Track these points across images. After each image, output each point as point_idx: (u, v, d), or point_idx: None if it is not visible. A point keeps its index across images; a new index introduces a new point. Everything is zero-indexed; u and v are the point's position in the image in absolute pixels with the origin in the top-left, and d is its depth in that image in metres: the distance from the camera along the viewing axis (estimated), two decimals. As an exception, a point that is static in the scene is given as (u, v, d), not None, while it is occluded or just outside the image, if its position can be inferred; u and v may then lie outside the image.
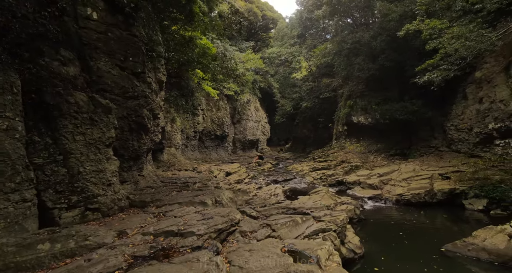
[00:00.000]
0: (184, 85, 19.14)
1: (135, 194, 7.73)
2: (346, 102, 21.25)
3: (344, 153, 21.32)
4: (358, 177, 15.45)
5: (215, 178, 16.26)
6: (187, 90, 19.65)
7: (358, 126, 20.53)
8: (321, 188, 12.28)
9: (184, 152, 28.25)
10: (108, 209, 6.00)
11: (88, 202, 5.71)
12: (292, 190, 15.48)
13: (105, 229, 4.72)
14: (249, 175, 19.07)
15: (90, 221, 5.52)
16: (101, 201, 5.91)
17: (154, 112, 9.83)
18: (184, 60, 13.20)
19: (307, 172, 19.71)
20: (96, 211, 5.79)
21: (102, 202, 5.91)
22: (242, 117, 35.87)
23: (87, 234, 4.21)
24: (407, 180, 13.68)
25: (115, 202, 6.27)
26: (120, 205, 6.46)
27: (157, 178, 12.46)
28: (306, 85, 27.04)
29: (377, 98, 19.12)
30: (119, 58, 8.41)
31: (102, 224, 5.30)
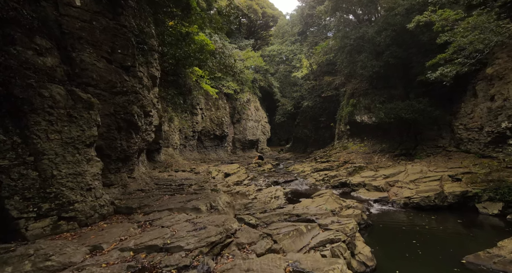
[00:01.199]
0: (182, 83, 18.40)
1: (121, 199, 6.98)
2: (349, 101, 20.49)
3: (347, 154, 20.57)
4: (363, 178, 14.69)
5: (213, 180, 15.50)
6: (185, 88, 18.91)
7: (361, 125, 19.77)
8: (325, 191, 11.52)
9: (182, 153, 27.50)
10: (86, 218, 5.24)
11: (62, 210, 4.95)
12: (294, 192, 14.73)
13: (76, 244, 3.98)
14: (248, 176, 18.33)
15: (63, 233, 4.76)
16: (78, 208, 5.15)
17: (146, 110, 9.08)
18: (180, 55, 12.45)
19: (308, 173, 18.96)
20: (72, 220, 5.03)
21: (79, 209, 5.16)
22: (241, 116, 35.15)
23: (50, 252, 3.46)
24: (415, 182, 12.93)
25: (95, 209, 5.51)
26: (102, 212, 5.70)
27: (151, 180, 11.71)
28: (307, 83, 26.29)
29: (381, 97, 18.37)
30: (106, 49, 7.66)
31: (76, 236, 4.55)
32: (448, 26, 10.34)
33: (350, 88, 20.01)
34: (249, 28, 33.34)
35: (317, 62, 23.36)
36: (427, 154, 16.30)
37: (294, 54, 29.54)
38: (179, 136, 26.35)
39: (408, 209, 11.33)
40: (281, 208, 8.09)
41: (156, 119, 10.73)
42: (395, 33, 15.56)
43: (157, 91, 10.89)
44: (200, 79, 21.19)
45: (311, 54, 24.30)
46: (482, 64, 13.09)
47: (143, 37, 9.29)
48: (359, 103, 19.44)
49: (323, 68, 24.33)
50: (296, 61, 28.78)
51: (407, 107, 16.07)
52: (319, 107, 27.50)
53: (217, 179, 17.41)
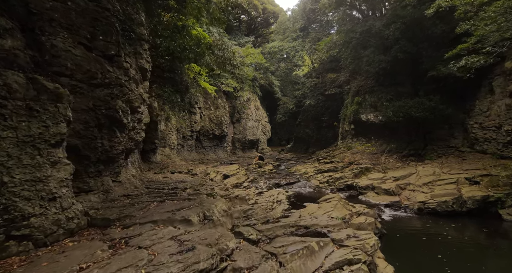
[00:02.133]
0: (178, 79, 17.36)
1: (99, 208, 5.92)
2: (354, 99, 19.45)
3: (352, 154, 19.51)
4: (371, 181, 13.64)
5: (210, 182, 14.46)
6: (182, 86, 17.87)
7: (367, 124, 18.72)
8: (333, 195, 10.45)
9: (180, 153, 26.45)
10: (46, 235, 4.19)
11: (13, 227, 3.90)
12: (297, 195, 13.68)
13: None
14: (248, 178, 17.28)
15: (11, 257, 3.71)
16: (35, 224, 4.10)
17: (133, 105, 8.03)
18: (174, 48, 11.41)
19: (312, 175, 17.90)
20: (26, 240, 3.98)
21: (36, 225, 4.11)
22: (241, 116, 34.13)
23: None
24: (429, 185, 11.87)
25: (59, 224, 4.46)
26: (69, 227, 4.65)
27: (141, 183, 10.65)
28: (309, 81, 25.22)
29: (388, 94, 17.33)
30: (84, 35, 6.62)
31: (26, 262, 3.50)
32: (472, 11, 9.30)
33: (355, 85, 18.97)
34: (249, 26, 32.31)
35: (320, 58, 22.32)
36: (438, 154, 15.24)
37: (295, 50, 28.48)
38: (177, 136, 25.30)
39: (423, 215, 10.29)
40: (286, 217, 7.05)
41: (147, 116, 9.68)
42: (404, 26, 14.52)
43: (147, 86, 9.84)
44: (198, 76, 20.16)
45: (314, 50, 23.25)
46: (500, 57, 12.05)
47: (131, 24, 8.24)
48: (365, 101, 18.40)
49: (326, 65, 23.29)
50: (298, 58, 27.72)
51: (417, 105, 15.03)
52: (322, 106, 26.47)
53: (215, 181, 16.37)
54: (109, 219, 5.26)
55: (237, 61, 13.07)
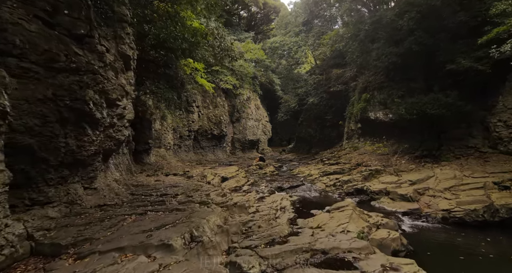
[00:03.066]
0: (173, 75, 15.96)
1: (51, 228, 4.50)
2: (361, 96, 18.06)
3: (359, 155, 18.12)
4: (384, 184, 12.24)
5: (207, 186, 13.07)
6: (177, 81, 16.48)
7: (375, 123, 17.32)
8: (346, 203, 9.02)
9: (177, 153, 25.05)
10: None
11: None
12: (302, 201, 12.28)
13: None
14: (248, 181, 15.88)
15: None
16: None
17: (110, 97, 6.62)
18: (165, 36, 10.03)
19: (317, 177, 16.51)
20: None
21: None
22: (241, 115, 32.76)
23: None
24: (451, 190, 10.48)
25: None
26: (-6, 261, 3.25)
27: (127, 188, 9.25)
28: (312, 78, 23.82)
29: (399, 90, 15.95)
30: (42, 6, 5.23)
31: None
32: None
33: (363, 81, 17.59)
34: (249, 22, 30.95)
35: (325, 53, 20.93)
36: (455, 155, 13.84)
37: (298, 45, 27.04)
38: (173, 135, 23.91)
39: (448, 226, 8.89)
40: (295, 234, 5.67)
41: (131, 111, 8.27)
42: (420, 15, 13.15)
43: (132, 77, 8.43)
44: (195, 72, 18.76)
45: (318, 45, 21.86)
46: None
47: (108, 1, 6.85)
48: (373, 98, 17.01)
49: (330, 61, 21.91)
50: (301, 53, 26.31)
51: (432, 102, 13.64)
52: (325, 104, 25.07)
53: (212, 185, 14.99)
54: (60, 245, 3.87)
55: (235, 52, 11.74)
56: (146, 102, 21.01)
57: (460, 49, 13.17)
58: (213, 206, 7.88)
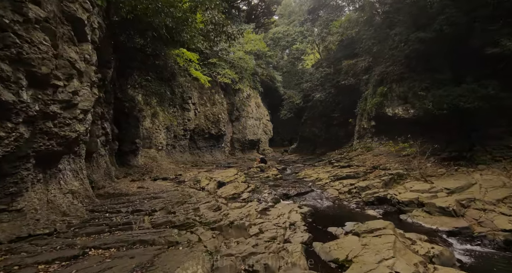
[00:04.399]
0: (161, 64, 13.64)
1: None
2: (376, 90, 15.73)
3: (373, 156, 15.79)
4: (415, 193, 9.89)
5: (198, 195, 10.75)
6: (166, 72, 14.15)
7: (393, 120, 14.98)
8: (382, 223, 6.61)
9: (170, 154, 22.67)
10: None
11: None
12: (315, 213, 9.92)
13: None
14: (249, 186, 13.52)
15: None
16: None
17: (37, 72, 4.27)
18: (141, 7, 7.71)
19: (327, 182, 14.17)
20: None
21: None
22: (241, 113, 30.45)
23: None
24: (506, 203, 8.15)
25: None
26: None
27: (87, 203, 6.91)
28: (319, 71, 21.44)
29: (423, 82, 13.63)
30: None
31: None
32: None
33: (378, 73, 15.27)
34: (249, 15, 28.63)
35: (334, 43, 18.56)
36: (493, 158, 11.51)
37: (303, 36, 24.55)
38: (166, 134, 21.54)
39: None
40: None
41: (88, 99, 5.92)
42: (452, -10, 10.84)
43: (89, 52, 6.07)
44: (189, 63, 16.45)
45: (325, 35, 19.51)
46: None
47: None
48: (391, 92, 14.67)
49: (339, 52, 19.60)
50: (306, 44, 23.91)
51: (467, 94, 11.37)
52: (332, 100, 22.74)
53: (207, 190, 12.66)
54: None
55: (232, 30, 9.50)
56: (135, 97, 18.65)
57: (500, 31, 10.88)
58: (200, 231, 5.55)
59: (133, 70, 14.79)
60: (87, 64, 5.93)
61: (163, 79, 15.13)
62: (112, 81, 12.58)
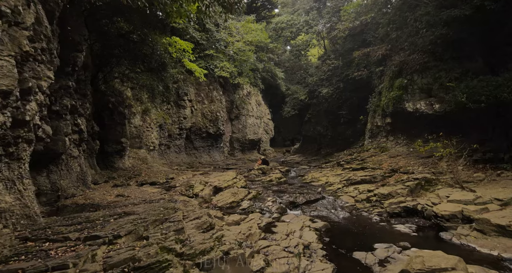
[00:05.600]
0: (148, 52, 11.60)
1: None
2: (394, 82, 13.70)
3: (390, 157, 13.77)
4: (457, 205, 7.85)
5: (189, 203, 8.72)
6: (155, 62, 12.10)
7: (414, 116, 12.96)
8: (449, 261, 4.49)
9: (164, 155, 20.63)
10: None
11: None
12: (332, 229, 7.88)
13: None
14: (249, 193, 11.50)
15: None
16: None
17: None
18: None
19: (340, 188, 12.16)
20: None
21: None
22: (241, 112, 28.43)
23: None
24: None
25: None
26: None
27: (25, 224, 4.93)
28: (326, 64, 19.36)
29: (452, 72, 11.63)
30: None
31: None
32: None
33: (396, 63, 13.24)
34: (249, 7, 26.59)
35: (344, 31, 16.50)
36: (541, 159, 9.50)
37: (309, 26, 22.42)
38: (159, 133, 19.50)
39: None
40: None
41: (9, 76, 3.84)
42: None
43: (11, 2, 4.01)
44: (182, 53, 14.42)
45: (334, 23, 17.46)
46: None
47: None
48: (412, 84, 12.65)
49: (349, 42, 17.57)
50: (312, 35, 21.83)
51: (511, 83, 9.33)
52: (338, 97, 20.73)
53: (201, 197, 10.65)
54: None
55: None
56: (123, 91, 16.61)
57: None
58: None
59: (118, 60, 12.77)
60: (7, 23, 3.89)
61: (152, 71, 13.08)
62: (89, 70, 10.56)
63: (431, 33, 11.59)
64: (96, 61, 12.35)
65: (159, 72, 13.07)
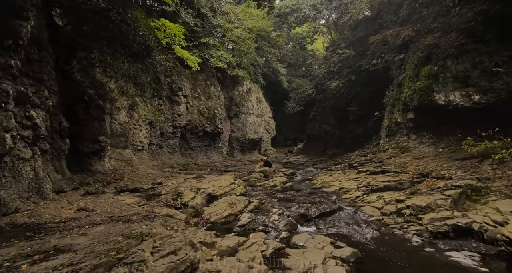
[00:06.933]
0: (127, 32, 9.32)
1: None
2: (420, 71, 11.46)
3: (414, 159, 11.53)
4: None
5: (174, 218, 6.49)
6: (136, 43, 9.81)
7: (446, 110, 10.69)
8: None
9: (156, 155, 18.34)
10: None
11: None
12: (363, 259, 5.59)
13: None
14: (250, 202, 9.26)
15: None
16: None
17: None
18: None
19: (359, 196, 9.90)
20: None
21: None
22: (240, 109, 26.20)
23: None
24: None
25: None
26: None
27: None
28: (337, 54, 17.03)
29: (498, 55, 9.37)
30: None
31: None
32: None
33: (424, 47, 10.98)
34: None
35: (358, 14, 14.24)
36: None
37: (317, 10, 20.01)
38: (149, 132, 17.21)
39: None
40: None
41: None
42: None
43: None
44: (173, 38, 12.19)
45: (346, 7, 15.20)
46: None
47: None
48: (445, 71, 10.40)
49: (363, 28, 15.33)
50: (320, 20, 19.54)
51: None
52: (347, 92, 18.50)
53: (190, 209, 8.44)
54: None
55: None
56: (107, 83, 14.33)
57: None
58: None
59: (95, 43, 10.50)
60: None
61: (135, 57, 10.82)
62: (48, 50, 8.29)
63: (469, 10, 9.34)
64: (67, 41, 10.08)
65: (144, 58, 10.80)
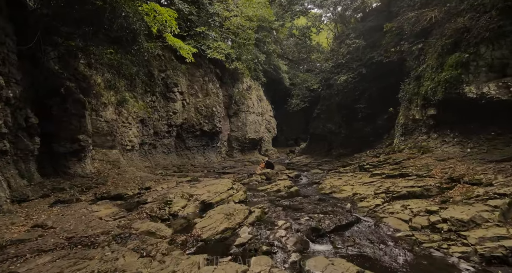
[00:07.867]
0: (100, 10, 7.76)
1: None
2: (446, 59, 9.89)
3: (438, 161, 9.97)
4: None
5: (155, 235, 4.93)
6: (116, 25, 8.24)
7: (476, 105, 9.13)
8: None
9: (148, 156, 16.75)
10: None
11: None
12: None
13: None
14: (251, 213, 7.69)
15: None
16: None
17: None
18: None
19: (378, 204, 8.33)
20: None
21: None
22: (240, 108, 24.64)
23: None
24: None
25: None
26: None
27: None
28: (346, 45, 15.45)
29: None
30: None
31: None
32: None
33: (450, 33, 9.41)
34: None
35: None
36: None
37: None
38: (141, 130, 15.60)
39: None
40: None
41: None
42: None
43: None
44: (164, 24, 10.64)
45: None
46: None
47: None
48: (477, 59, 8.84)
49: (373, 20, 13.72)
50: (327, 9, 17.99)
51: None
52: (354, 88, 16.99)
53: (180, 219, 6.86)
54: None
55: None
56: (92, 76, 12.78)
57: None
58: None
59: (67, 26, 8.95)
60: None
61: (119, 44, 9.25)
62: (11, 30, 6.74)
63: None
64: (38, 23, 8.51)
65: (128, 44, 9.23)
